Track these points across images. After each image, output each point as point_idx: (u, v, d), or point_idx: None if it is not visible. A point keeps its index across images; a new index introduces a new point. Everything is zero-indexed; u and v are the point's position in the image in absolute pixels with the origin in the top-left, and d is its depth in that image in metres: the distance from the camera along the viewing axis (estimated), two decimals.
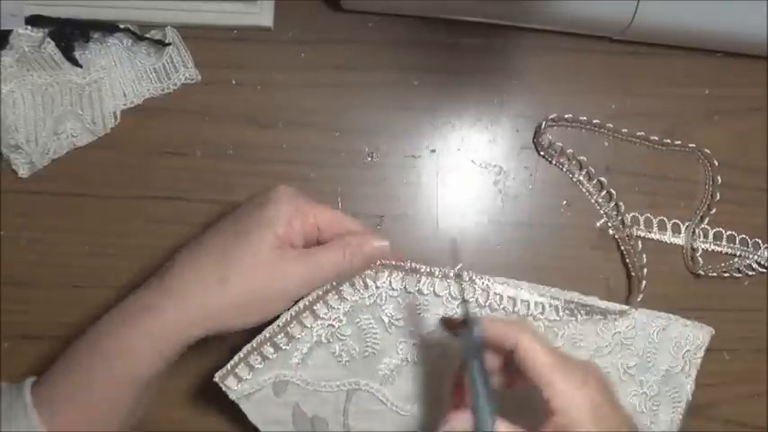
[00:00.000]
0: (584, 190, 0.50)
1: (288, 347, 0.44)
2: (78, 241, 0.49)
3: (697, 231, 0.51)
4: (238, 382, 0.43)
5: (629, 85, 0.52)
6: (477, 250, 0.50)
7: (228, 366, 0.43)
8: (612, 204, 0.51)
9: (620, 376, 0.48)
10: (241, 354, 0.43)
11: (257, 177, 0.49)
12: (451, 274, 0.45)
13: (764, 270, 0.51)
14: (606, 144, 0.51)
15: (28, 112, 0.48)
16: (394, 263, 0.44)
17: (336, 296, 0.44)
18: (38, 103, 0.48)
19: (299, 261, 0.40)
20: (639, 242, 0.50)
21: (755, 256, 0.51)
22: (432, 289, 0.45)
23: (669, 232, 0.51)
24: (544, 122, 0.50)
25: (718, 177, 0.51)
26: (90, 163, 0.49)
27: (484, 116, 0.51)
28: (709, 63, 0.52)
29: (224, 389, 0.43)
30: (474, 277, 0.46)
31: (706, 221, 0.51)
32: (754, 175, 0.53)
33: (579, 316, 0.47)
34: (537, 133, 0.51)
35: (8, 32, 0.47)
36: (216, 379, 0.42)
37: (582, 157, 0.50)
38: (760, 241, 0.52)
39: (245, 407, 0.44)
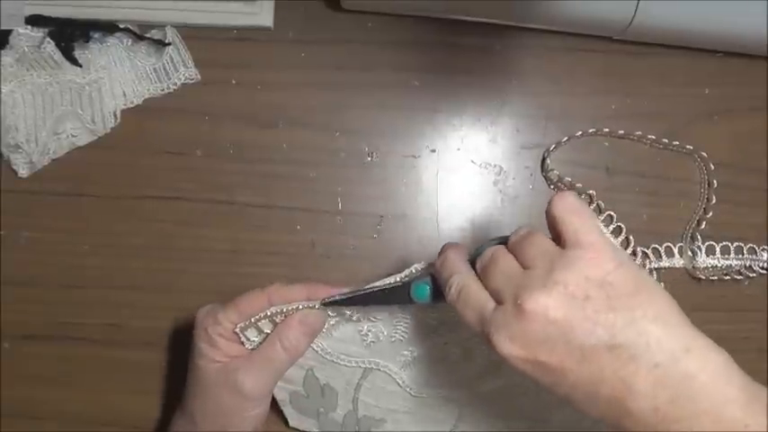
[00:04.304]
0: None
1: None
2: (78, 241, 0.49)
3: (696, 244, 0.51)
4: (258, 333, 0.42)
5: (629, 85, 0.52)
6: None
7: (252, 320, 0.42)
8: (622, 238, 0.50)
9: None
10: (267, 312, 0.42)
11: (257, 177, 0.49)
12: None
13: (765, 271, 0.51)
14: (606, 144, 0.51)
15: (28, 112, 0.48)
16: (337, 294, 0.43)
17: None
18: (38, 103, 0.48)
19: (254, 365, 0.42)
20: (648, 263, 0.50)
21: (756, 259, 0.51)
22: None
23: (676, 257, 0.51)
24: (547, 156, 0.50)
25: (714, 181, 0.51)
26: (90, 163, 0.49)
27: (484, 116, 0.51)
28: (709, 63, 0.52)
29: (242, 339, 0.42)
30: None
31: (703, 225, 0.51)
32: (754, 175, 0.52)
33: None
34: (543, 167, 0.51)
35: (8, 32, 0.47)
36: (236, 330, 0.42)
37: (591, 191, 0.50)
38: None
39: None
